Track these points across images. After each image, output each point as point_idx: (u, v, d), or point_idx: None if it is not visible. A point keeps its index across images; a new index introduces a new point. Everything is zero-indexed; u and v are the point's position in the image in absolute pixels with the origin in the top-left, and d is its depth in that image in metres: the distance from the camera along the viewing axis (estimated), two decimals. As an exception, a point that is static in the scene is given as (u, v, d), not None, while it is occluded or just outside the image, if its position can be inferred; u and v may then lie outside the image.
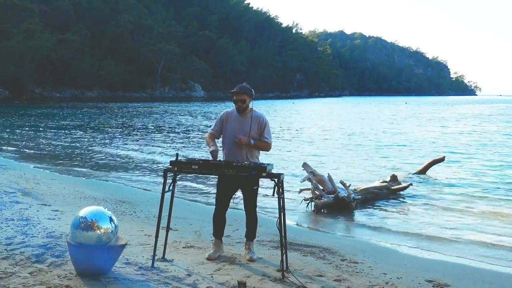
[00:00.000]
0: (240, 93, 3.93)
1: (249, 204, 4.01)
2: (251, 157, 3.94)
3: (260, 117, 4.01)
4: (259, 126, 3.97)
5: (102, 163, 10.82)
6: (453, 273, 4.09)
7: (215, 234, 4.11)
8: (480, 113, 42.34)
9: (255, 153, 4.01)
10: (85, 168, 9.94)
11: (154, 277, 3.42)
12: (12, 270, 3.35)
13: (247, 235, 4.09)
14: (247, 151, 3.94)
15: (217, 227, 4.10)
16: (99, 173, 9.38)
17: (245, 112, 3.99)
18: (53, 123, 22.00)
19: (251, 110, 4.00)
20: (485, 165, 11.51)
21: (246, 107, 3.97)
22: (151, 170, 9.95)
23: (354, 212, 6.59)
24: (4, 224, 4.61)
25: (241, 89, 3.95)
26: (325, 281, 3.59)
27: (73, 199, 6.33)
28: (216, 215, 4.10)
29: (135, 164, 10.81)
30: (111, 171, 9.75)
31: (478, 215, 6.57)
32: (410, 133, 20.28)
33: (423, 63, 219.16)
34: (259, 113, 4.05)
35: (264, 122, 4.00)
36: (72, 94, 59.03)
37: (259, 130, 3.98)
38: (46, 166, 9.96)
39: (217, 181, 4.11)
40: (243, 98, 3.93)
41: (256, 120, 3.97)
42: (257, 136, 3.97)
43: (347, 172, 9.79)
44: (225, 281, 3.42)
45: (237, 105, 3.96)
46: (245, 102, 3.94)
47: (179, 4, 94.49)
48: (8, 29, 51.39)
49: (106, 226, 3.33)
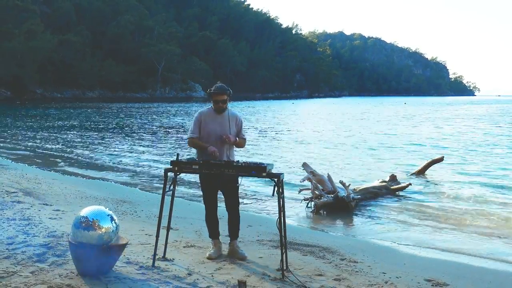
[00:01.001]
0: (220, 94, 3.93)
1: (232, 202, 4.02)
2: (231, 156, 4.01)
3: (235, 116, 4.08)
4: (236, 124, 4.04)
5: (101, 164, 10.84)
6: (452, 272, 4.10)
7: (211, 235, 4.13)
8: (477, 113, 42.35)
9: (233, 151, 4.09)
10: (84, 169, 9.96)
11: (154, 276, 3.43)
12: (14, 269, 3.36)
13: (231, 234, 4.08)
14: (228, 149, 4.00)
15: (212, 227, 4.12)
16: (99, 174, 9.40)
17: (222, 111, 4.02)
18: (53, 123, 22.04)
19: (226, 108, 4.03)
20: (484, 165, 11.53)
21: (226, 107, 4.00)
22: (152, 170, 9.97)
23: (354, 211, 6.61)
24: (6, 223, 4.62)
25: (221, 89, 3.94)
26: (325, 280, 3.60)
27: (74, 199, 6.35)
28: (208, 216, 4.12)
29: (135, 164, 10.83)
30: (109, 171, 9.77)
31: (477, 214, 6.59)
32: (408, 134, 20.30)
33: (422, 64, 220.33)
34: (234, 112, 4.12)
35: (240, 120, 4.09)
36: (73, 95, 59.25)
37: (237, 128, 4.05)
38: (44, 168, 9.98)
39: (200, 182, 4.10)
40: (224, 98, 3.94)
41: (233, 119, 4.03)
42: (235, 133, 4.03)
43: (346, 172, 9.81)
44: (226, 280, 3.44)
45: (217, 105, 3.96)
46: (225, 103, 3.97)
47: (180, 5, 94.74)
48: (9, 30, 51.61)
49: (107, 225, 3.34)
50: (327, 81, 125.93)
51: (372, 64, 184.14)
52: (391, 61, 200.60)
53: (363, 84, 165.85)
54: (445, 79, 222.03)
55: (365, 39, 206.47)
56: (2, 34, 50.87)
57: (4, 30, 51.12)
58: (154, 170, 9.97)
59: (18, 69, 51.16)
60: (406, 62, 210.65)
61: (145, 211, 5.85)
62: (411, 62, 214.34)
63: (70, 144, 14.65)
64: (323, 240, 5.04)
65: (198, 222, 5.48)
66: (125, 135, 17.92)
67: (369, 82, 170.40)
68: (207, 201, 4.10)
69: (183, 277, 3.46)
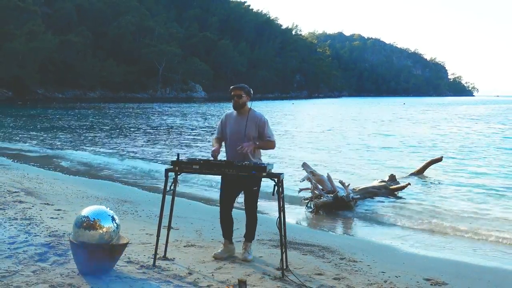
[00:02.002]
0: (237, 89, 3.98)
1: (249, 205, 4.01)
2: (252, 157, 3.95)
3: (258, 117, 4.00)
4: (257, 126, 3.98)
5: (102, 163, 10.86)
6: (451, 272, 4.12)
7: (223, 235, 4.12)
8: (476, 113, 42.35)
9: (258, 153, 4.03)
10: (85, 169, 9.98)
11: (155, 275, 3.45)
12: (15, 268, 3.38)
13: (245, 235, 4.10)
14: (249, 151, 3.93)
15: (223, 227, 4.10)
16: (100, 173, 9.42)
17: (243, 112, 4.00)
18: (54, 123, 22.08)
19: (249, 110, 4.03)
20: (482, 165, 11.56)
21: (243, 103, 3.98)
22: (153, 169, 9.98)
23: (353, 211, 6.62)
24: (8, 223, 4.65)
25: (239, 85, 4.03)
26: (324, 280, 3.62)
27: (75, 199, 6.37)
28: (220, 215, 4.11)
29: (136, 163, 10.84)
30: (110, 171, 9.79)
31: (475, 213, 6.60)
32: (406, 134, 20.32)
33: (421, 64, 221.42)
34: (258, 113, 4.05)
35: (263, 121, 3.99)
36: (74, 95, 59.47)
37: (259, 130, 3.98)
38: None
39: (221, 182, 4.12)
40: (239, 93, 3.95)
41: (253, 120, 3.97)
42: (256, 135, 3.97)
43: (345, 172, 9.83)
44: (226, 279, 3.45)
45: (233, 100, 3.98)
46: (241, 98, 3.95)
47: (180, 6, 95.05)
48: (11, 30, 51.84)
49: (108, 225, 3.36)
50: (326, 81, 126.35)
51: (372, 64, 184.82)
52: (390, 62, 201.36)
53: (363, 85, 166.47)
54: (444, 80, 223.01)
55: (365, 40, 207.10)
56: (3, 35, 51.10)
57: (5, 31, 51.33)
58: (155, 169, 9.98)
59: (19, 70, 51.35)
60: (405, 63, 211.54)
61: (146, 211, 5.86)
62: (410, 63, 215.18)
63: (71, 143, 14.68)
64: (323, 240, 5.06)
65: (198, 221, 5.50)
66: (126, 135, 17.95)
67: (369, 82, 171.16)
68: (221, 200, 4.11)
69: (183, 276, 3.48)
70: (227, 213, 4.07)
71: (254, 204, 4.02)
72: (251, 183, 3.89)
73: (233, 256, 4.04)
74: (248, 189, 3.95)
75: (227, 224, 4.09)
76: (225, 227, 4.09)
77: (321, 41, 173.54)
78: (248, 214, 4.04)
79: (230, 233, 4.11)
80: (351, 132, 21.20)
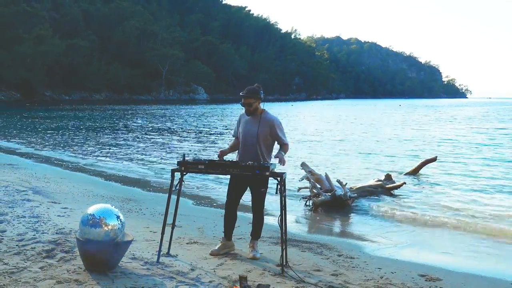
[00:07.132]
0: (246, 97, 3.98)
1: (255, 204, 4.07)
2: (263, 158, 4.00)
3: (271, 119, 4.01)
4: (270, 127, 3.99)
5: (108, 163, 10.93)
6: (445, 267, 4.19)
7: (224, 232, 4.17)
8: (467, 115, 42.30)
9: (269, 154, 4.09)
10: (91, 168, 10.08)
11: (159, 271, 3.53)
12: (24, 265, 3.47)
13: (252, 234, 4.16)
14: (261, 151, 4.00)
15: (226, 223, 4.14)
16: (106, 173, 9.51)
17: (256, 114, 4.04)
18: (61, 124, 22.20)
19: (262, 111, 4.06)
20: (477, 164, 11.61)
21: (254, 109, 4.00)
22: (158, 169, 10.07)
23: (350, 209, 6.70)
24: (16, 221, 4.75)
25: (248, 92, 3.97)
26: (322, 276, 3.70)
27: (81, 197, 6.46)
28: (226, 210, 4.15)
29: (141, 163, 10.92)
30: (116, 170, 9.84)
31: (469, 211, 6.65)
32: (403, 134, 20.34)
33: (416, 67, 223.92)
34: (271, 115, 4.05)
35: (276, 124, 4.00)
36: (80, 97, 60.17)
37: (271, 131, 4.00)
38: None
39: (230, 179, 4.16)
40: (250, 101, 3.96)
41: (266, 122, 3.98)
42: (268, 136, 4.00)
43: (344, 172, 9.88)
44: (227, 275, 3.53)
45: (245, 108, 4.03)
46: (252, 106, 3.96)
47: (183, 11, 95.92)
48: (20, 34, 52.56)
49: (113, 223, 3.44)
50: (324, 84, 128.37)
51: (368, 67, 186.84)
52: (386, 65, 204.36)
53: (360, 87, 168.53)
54: (438, 82, 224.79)
55: (362, 44, 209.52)
56: (12, 39, 51.74)
57: (14, 35, 51.98)
58: (160, 169, 10.06)
59: (27, 72, 52.04)
60: (400, 66, 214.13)
61: (150, 209, 5.94)
62: (405, 66, 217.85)
63: (78, 143, 14.77)
64: (321, 237, 5.16)
65: (200, 219, 5.60)
66: (131, 135, 18.01)
67: (365, 85, 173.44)
68: (227, 195, 4.16)
69: (186, 272, 3.56)
70: (233, 209, 4.13)
71: (261, 204, 4.08)
72: (259, 185, 3.95)
73: (231, 252, 4.12)
74: (256, 189, 4.01)
75: (230, 220, 4.14)
76: (228, 223, 4.14)
77: (320, 45, 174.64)
78: (255, 213, 4.09)
79: (231, 230, 4.17)
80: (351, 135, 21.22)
